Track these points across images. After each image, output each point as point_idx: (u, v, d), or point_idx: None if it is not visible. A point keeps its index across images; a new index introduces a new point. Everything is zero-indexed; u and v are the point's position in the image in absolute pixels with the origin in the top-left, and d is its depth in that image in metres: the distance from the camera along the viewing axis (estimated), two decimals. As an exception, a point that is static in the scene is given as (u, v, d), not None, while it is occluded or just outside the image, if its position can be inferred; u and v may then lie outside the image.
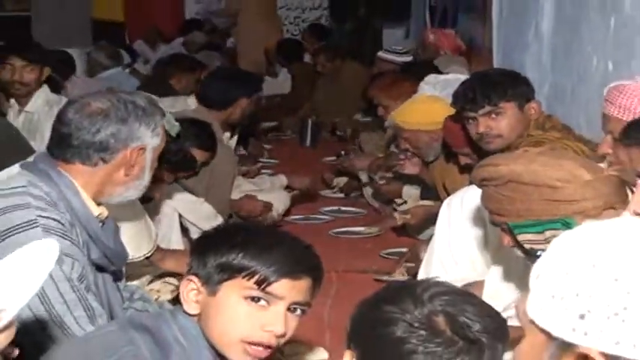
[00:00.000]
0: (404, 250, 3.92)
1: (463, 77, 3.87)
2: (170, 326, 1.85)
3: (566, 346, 0.87)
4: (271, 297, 1.78)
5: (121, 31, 10.40)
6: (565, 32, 4.35)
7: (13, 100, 4.51)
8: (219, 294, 1.81)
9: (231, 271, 1.80)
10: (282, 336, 1.81)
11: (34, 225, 2.05)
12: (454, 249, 2.98)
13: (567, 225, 2.12)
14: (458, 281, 2.87)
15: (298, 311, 1.83)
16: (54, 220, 2.08)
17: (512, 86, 3.27)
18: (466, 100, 3.29)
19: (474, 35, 6.68)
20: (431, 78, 4.40)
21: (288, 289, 1.79)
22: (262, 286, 1.77)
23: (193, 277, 1.85)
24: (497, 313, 1.40)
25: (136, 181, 2.28)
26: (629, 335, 0.83)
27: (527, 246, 2.23)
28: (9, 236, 2.04)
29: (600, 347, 0.84)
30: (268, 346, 1.81)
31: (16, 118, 4.45)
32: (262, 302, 1.78)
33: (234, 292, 1.80)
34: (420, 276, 2.99)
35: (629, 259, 0.86)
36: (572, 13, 4.24)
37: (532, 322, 0.91)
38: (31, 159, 2.38)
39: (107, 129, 2.19)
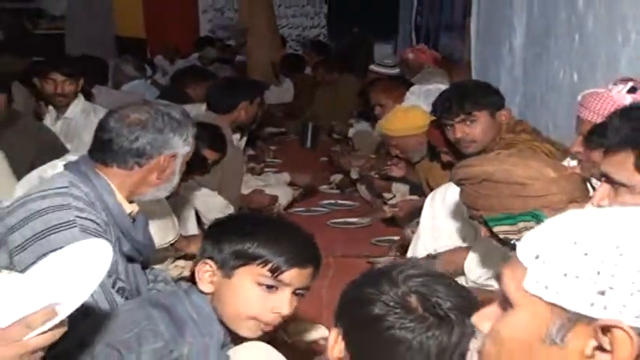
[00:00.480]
0: (393, 238, 3.94)
1: (444, 87, 3.87)
2: (184, 304, 1.86)
3: (581, 318, 0.85)
4: (281, 284, 1.81)
5: (143, 46, 10.39)
6: (535, 47, 4.35)
7: (51, 107, 4.53)
8: (234, 278, 1.83)
9: (246, 259, 1.81)
10: (286, 315, 1.84)
11: (73, 225, 2.02)
12: (437, 236, 2.99)
13: (536, 217, 2.13)
14: (442, 247, 2.91)
15: (300, 294, 1.86)
16: (90, 220, 2.06)
17: (483, 96, 3.27)
18: (443, 109, 3.30)
19: (454, 50, 6.70)
20: (415, 88, 4.41)
21: (296, 276, 1.82)
22: (275, 274, 1.80)
23: (209, 261, 1.85)
24: (468, 293, 1.40)
25: (167, 184, 2.28)
26: None
27: (501, 236, 2.24)
28: (49, 234, 2.00)
29: (624, 320, 0.83)
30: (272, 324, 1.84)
31: (53, 123, 4.48)
32: (272, 288, 1.81)
33: (248, 278, 1.82)
34: (408, 259, 3.00)
35: None
36: (541, 30, 4.24)
37: (537, 297, 0.89)
38: (73, 158, 2.37)
39: (144, 138, 2.18)
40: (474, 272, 2.73)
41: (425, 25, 8.19)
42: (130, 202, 2.25)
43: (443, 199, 2.99)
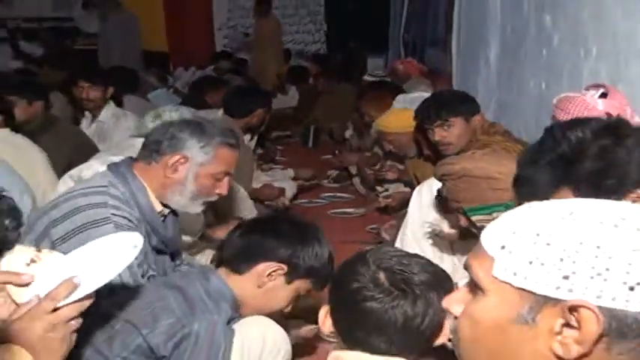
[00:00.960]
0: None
1: (427, 95, 3.87)
2: (195, 285, 1.86)
3: (548, 300, 0.86)
4: None
5: (166, 59, 10.39)
6: (508, 60, 4.36)
7: (87, 113, 4.59)
8: (292, 285, 1.90)
9: (312, 276, 1.90)
10: None
11: (108, 222, 2.00)
12: (423, 224, 2.99)
13: (508, 207, 2.12)
14: (427, 233, 2.92)
15: None
16: (124, 217, 2.03)
17: (459, 104, 3.26)
18: (424, 115, 3.31)
19: (437, 63, 6.68)
20: (400, 97, 4.38)
21: None
22: (311, 292, 1.95)
23: (282, 265, 1.88)
24: (438, 269, 1.43)
25: (179, 186, 2.16)
26: (609, 290, 0.83)
27: (479, 224, 2.25)
28: (88, 229, 1.99)
29: (588, 300, 0.84)
30: None
31: (88, 126, 4.54)
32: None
33: (299, 288, 1.92)
34: (396, 245, 3.00)
35: (608, 230, 0.85)
36: (513, 45, 4.24)
37: (506, 283, 0.89)
38: (113, 158, 2.36)
39: (165, 135, 2.15)
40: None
41: (412, 40, 8.17)
42: (165, 205, 2.20)
43: (429, 190, 2.99)
